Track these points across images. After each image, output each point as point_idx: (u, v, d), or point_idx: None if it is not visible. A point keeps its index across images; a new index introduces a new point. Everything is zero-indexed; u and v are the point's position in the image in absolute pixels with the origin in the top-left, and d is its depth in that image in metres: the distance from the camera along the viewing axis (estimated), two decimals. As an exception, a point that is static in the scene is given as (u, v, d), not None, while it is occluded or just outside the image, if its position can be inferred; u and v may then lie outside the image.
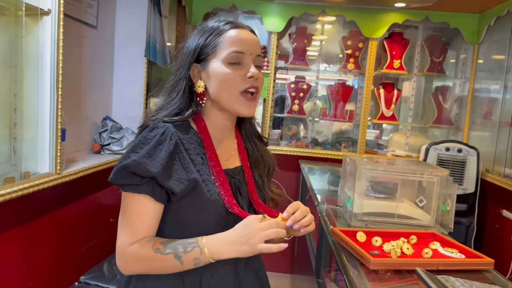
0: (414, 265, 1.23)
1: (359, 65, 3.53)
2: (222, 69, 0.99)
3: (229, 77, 0.98)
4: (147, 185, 0.93)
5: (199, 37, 1.02)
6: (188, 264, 0.93)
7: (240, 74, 0.99)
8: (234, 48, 0.99)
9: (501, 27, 3.10)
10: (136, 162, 0.91)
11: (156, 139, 0.95)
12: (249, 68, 1.00)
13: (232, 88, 0.99)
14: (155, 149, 0.94)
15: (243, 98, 1.00)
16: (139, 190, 0.93)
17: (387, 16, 3.38)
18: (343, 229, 1.49)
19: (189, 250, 0.92)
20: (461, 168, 3.08)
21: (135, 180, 0.93)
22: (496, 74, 3.20)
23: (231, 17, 3.75)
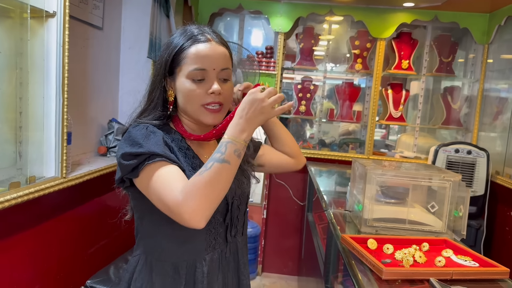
0: (427, 275, 1.20)
1: (367, 65, 3.49)
2: (186, 84, 1.04)
3: (192, 93, 1.04)
4: (154, 156, 0.97)
5: (169, 51, 1.07)
6: (233, 159, 0.93)
7: (202, 90, 1.04)
8: (196, 66, 1.03)
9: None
10: (136, 146, 0.98)
11: (143, 132, 1.01)
12: (211, 84, 1.05)
13: (194, 102, 1.05)
14: (148, 137, 1.00)
15: (205, 110, 1.06)
16: (152, 159, 0.96)
17: (396, 16, 3.33)
18: (354, 236, 1.45)
19: (223, 151, 0.93)
20: (471, 170, 3.04)
21: (142, 157, 0.97)
22: (506, 74, 3.15)
23: (238, 17, 3.73)
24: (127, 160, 0.98)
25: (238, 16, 3.73)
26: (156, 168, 0.96)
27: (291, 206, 3.62)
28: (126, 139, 1.01)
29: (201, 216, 0.89)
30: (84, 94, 2.36)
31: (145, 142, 0.99)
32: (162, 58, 1.08)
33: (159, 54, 1.11)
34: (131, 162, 0.97)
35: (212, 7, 3.50)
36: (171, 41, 1.08)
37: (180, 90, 1.05)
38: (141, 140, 0.99)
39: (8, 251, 1.66)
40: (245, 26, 3.77)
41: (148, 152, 0.97)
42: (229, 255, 1.16)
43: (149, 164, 0.96)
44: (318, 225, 2.76)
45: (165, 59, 1.06)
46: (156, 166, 0.96)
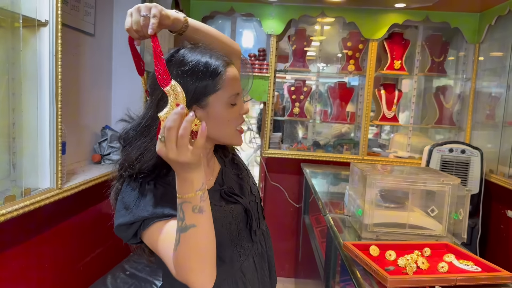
0: (432, 282, 1.20)
1: (359, 66, 3.49)
2: (223, 110, 0.99)
3: (230, 118, 1.01)
4: (147, 221, 0.93)
5: (194, 77, 0.95)
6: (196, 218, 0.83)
7: (236, 113, 1.03)
8: (235, 91, 1.00)
9: (503, 26, 3.07)
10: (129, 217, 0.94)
11: (135, 194, 0.96)
12: (242, 105, 1.04)
13: (230, 126, 1.02)
14: (140, 200, 0.95)
15: (239, 132, 1.05)
16: (147, 225, 0.93)
17: (387, 16, 3.34)
18: (356, 243, 1.45)
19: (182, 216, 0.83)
20: (465, 169, 3.06)
21: (136, 226, 0.94)
22: (498, 73, 3.17)
23: (229, 20, 3.71)
24: (123, 231, 0.96)
25: (230, 19, 3.71)
26: (152, 233, 0.93)
27: (286, 208, 3.62)
28: (120, 203, 0.97)
29: (202, 282, 0.85)
30: (77, 102, 2.32)
31: (135, 207, 0.94)
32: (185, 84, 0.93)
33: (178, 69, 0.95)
34: (127, 234, 0.95)
35: (204, 11, 3.48)
36: (198, 63, 0.96)
37: (215, 117, 0.98)
38: (132, 205, 0.95)
39: (2, 265, 1.63)
40: (237, 29, 3.76)
41: (139, 218, 0.93)
42: (261, 249, 1.17)
43: (145, 232, 0.93)
44: (315, 228, 2.75)
45: (195, 85, 0.95)
46: (151, 231, 0.93)
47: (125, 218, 0.94)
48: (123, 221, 0.94)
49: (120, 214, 0.95)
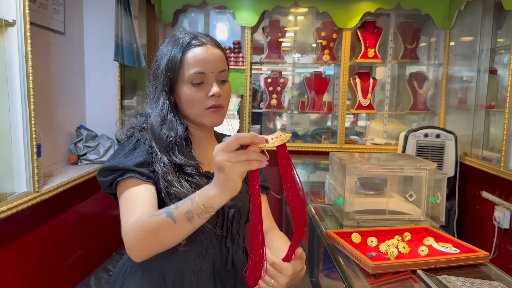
0: (412, 266, 1.23)
1: (334, 56, 3.52)
2: (185, 89, 1.06)
3: (192, 97, 1.06)
4: (129, 172, 0.99)
5: (165, 61, 1.07)
6: (181, 220, 0.83)
7: (203, 93, 1.06)
8: (195, 70, 1.04)
9: (471, 12, 3.14)
10: (114, 162, 1.01)
11: (132, 144, 1.05)
12: (211, 87, 1.06)
13: (196, 106, 1.06)
14: (132, 152, 1.03)
15: (208, 111, 1.07)
16: (123, 176, 0.99)
17: (359, 5, 3.37)
18: (338, 231, 1.47)
19: (180, 205, 0.84)
20: (440, 153, 3.13)
21: (118, 174, 1.00)
22: (468, 58, 3.25)
23: (202, 13, 3.67)
24: (105, 175, 1.03)
25: (202, 12, 3.68)
26: (126, 186, 0.99)
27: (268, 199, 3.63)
28: (116, 151, 1.07)
29: (136, 254, 0.91)
30: (50, 102, 2.27)
31: (125, 156, 1.03)
32: (159, 70, 1.08)
33: (154, 66, 1.10)
34: (107, 179, 1.02)
35: (176, 4, 3.43)
36: (165, 51, 1.07)
37: (181, 96, 1.07)
38: (122, 154, 1.03)
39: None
40: (210, 22, 3.73)
41: (123, 167, 1.00)
42: (229, 268, 1.11)
43: (120, 181, 1.00)
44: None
45: (163, 70, 1.06)
46: (126, 184, 1.00)
47: (112, 162, 1.01)
48: (108, 164, 1.01)
49: (110, 157, 1.05)
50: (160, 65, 1.07)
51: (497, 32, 2.97)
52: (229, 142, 0.77)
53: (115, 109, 2.70)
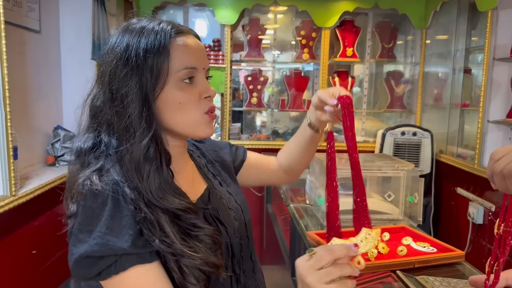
0: (392, 266, 1.27)
1: (313, 54, 3.54)
2: (175, 91, 0.77)
3: (186, 99, 0.78)
4: (125, 258, 0.68)
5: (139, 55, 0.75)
6: None
7: (195, 95, 0.80)
8: (187, 63, 0.78)
9: (447, 12, 3.20)
10: (99, 245, 0.67)
11: (109, 206, 0.70)
12: (203, 85, 0.81)
13: (191, 111, 0.79)
14: (114, 220, 0.69)
15: (206, 117, 0.81)
16: (121, 267, 0.68)
17: (338, 4, 3.40)
18: (319, 232, 1.50)
19: None
20: (417, 151, 3.20)
21: (109, 261, 0.68)
22: (444, 57, 3.32)
23: (181, 10, 3.64)
24: (87, 266, 0.68)
25: (181, 9, 3.65)
26: (127, 280, 0.69)
27: (249, 197, 3.64)
28: (85, 219, 0.70)
29: None
30: (25, 102, 2.22)
31: (108, 231, 0.68)
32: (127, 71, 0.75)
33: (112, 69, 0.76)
34: (92, 270, 0.68)
35: (154, 1, 3.39)
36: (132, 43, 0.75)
37: (167, 100, 0.77)
38: (100, 227, 0.68)
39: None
40: (189, 19, 3.70)
41: (115, 251, 0.68)
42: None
43: (117, 276, 0.68)
44: (278, 217, 2.81)
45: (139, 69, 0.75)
46: (126, 277, 0.68)
47: (92, 244, 0.67)
48: (90, 250, 0.67)
49: (84, 238, 0.68)
50: (128, 64, 0.74)
51: (472, 32, 3.04)
52: (321, 258, 0.64)
53: (93, 108, 2.66)
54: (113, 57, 0.76)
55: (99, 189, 0.70)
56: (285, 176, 1.13)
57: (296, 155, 1.09)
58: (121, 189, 0.71)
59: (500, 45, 2.57)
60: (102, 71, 0.79)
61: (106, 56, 0.79)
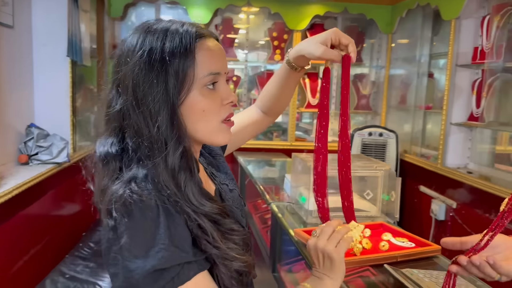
0: (378, 260, 1.35)
1: (285, 55, 3.62)
2: (198, 98, 0.76)
3: (209, 106, 0.77)
4: (187, 267, 0.69)
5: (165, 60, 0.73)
6: None
7: (217, 102, 0.78)
8: (211, 69, 0.76)
9: (412, 19, 3.37)
10: (165, 258, 0.67)
11: (163, 217, 0.69)
12: (225, 91, 0.80)
13: (212, 118, 0.78)
14: (170, 229, 0.69)
15: (223, 125, 0.80)
16: (186, 277, 0.69)
17: (309, 8, 3.49)
18: (305, 229, 1.56)
19: None
20: (383, 150, 3.35)
21: (173, 272, 0.68)
22: (408, 61, 3.49)
23: (153, 7, 3.61)
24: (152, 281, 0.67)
25: (153, 6, 3.62)
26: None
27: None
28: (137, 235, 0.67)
29: None
30: (-3, 99, 2.15)
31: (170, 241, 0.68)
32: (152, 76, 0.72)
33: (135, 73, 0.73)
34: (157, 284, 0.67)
35: (126, -2, 3.35)
36: (155, 46, 0.73)
37: (192, 106, 0.75)
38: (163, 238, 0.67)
39: None
40: (161, 17, 3.67)
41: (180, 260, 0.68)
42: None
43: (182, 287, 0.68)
44: (254, 215, 2.86)
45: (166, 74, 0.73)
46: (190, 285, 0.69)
47: (159, 258, 0.66)
48: (157, 263, 0.66)
49: (143, 252, 0.66)
50: (153, 68, 0.72)
51: (434, 39, 3.23)
52: (326, 232, 0.89)
53: (66, 106, 2.61)
54: (136, 60, 0.73)
55: (144, 200, 0.68)
56: (267, 119, 1.18)
57: (279, 98, 1.12)
58: (165, 198, 0.70)
59: (462, 52, 2.75)
60: (124, 75, 0.74)
61: (125, 58, 0.75)
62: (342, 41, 0.94)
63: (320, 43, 0.94)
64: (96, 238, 2.79)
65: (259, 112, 1.18)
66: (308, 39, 0.98)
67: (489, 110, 2.60)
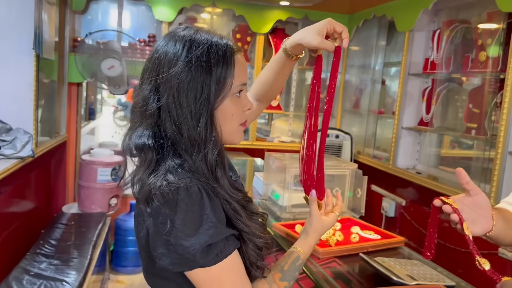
0: (352, 250, 1.49)
1: (248, 58, 3.72)
2: (230, 103, 0.88)
3: (236, 111, 0.89)
4: (227, 241, 0.82)
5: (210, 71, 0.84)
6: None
7: (241, 107, 0.91)
8: (242, 80, 0.89)
9: (368, 28, 3.60)
10: (215, 233, 0.80)
11: (207, 200, 0.81)
12: (246, 99, 0.92)
13: (235, 122, 0.90)
14: (214, 210, 0.81)
15: (241, 127, 0.93)
16: (228, 251, 0.82)
17: (272, 12, 3.62)
18: (284, 224, 1.67)
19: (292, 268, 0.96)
20: (339, 151, 3.55)
21: (218, 247, 0.81)
22: (362, 69, 3.72)
23: (116, 3, 3.57)
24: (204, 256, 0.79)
25: (116, 1, 3.58)
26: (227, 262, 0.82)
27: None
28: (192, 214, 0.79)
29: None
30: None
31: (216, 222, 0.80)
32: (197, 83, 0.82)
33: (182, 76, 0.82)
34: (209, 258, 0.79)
35: (89, -8, 3.30)
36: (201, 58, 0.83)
37: (225, 111, 0.87)
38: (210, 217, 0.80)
39: None
40: (123, 13, 3.64)
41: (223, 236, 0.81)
42: None
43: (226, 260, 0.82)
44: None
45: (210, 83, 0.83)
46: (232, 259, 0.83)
47: (210, 235, 0.79)
48: (209, 239, 0.78)
49: (193, 231, 0.78)
50: (198, 73, 0.82)
51: (387, 48, 3.46)
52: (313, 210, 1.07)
53: (30, 100, 2.53)
54: (182, 65, 0.82)
55: (188, 186, 0.79)
56: (260, 106, 1.27)
57: (274, 84, 1.20)
58: (205, 184, 0.82)
59: (414, 62, 2.99)
60: (168, 76, 0.83)
61: (168, 63, 0.84)
62: (337, 29, 1.02)
63: (316, 34, 1.01)
64: (56, 235, 2.74)
65: (253, 101, 1.25)
66: (305, 28, 1.05)
67: (437, 116, 2.86)
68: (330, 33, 1.03)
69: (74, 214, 3.16)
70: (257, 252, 0.89)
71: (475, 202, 0.93)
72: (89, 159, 3.23)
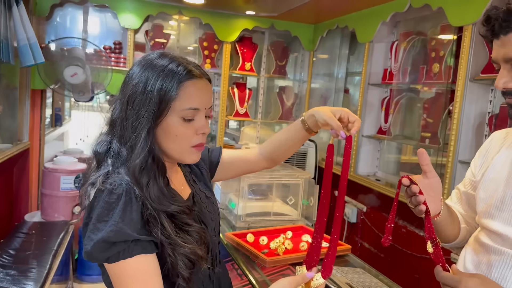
0: (298, 259, 1.53)
1: (215, 65, 3.76)
2: (175, 124, 0.95)
3: (182, 133, 0.96)
4: (134, 245, 0.87)
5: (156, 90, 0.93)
6: None
7: (192, 130, 0.97)
8: (191, 105, 0.95)
9: (332, 38, 3.68)
10: (113, 232, 0.85)
11: (122, 201, 0.88)
12: (201, 123, 0.98)
13: (183, 143, 0.98)
14: (125, 212, 0.88)
15: (192, 149, 1.00)
16: (129, 254, 0.87)
17: (239, 21, 3.66)
18: (235, 233, 1.71)
19: None
20: (304, 158, 3.61)
21: (119, 247, 0.86)
22: (328, 77, 3.80)
23: (81, 9, 3.55)
24: (102, 250, 0.86)
25: (81, 8, 3.56)
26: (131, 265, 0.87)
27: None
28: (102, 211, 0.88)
29: None
30: None
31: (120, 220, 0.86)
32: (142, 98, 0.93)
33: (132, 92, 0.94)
34: (105, 254, 0.86)
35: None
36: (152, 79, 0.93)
37: (168, 129, 0.95)
38: (117, 217, 0.86)
39: None
40: (89, 19, 3.63)
41: (128, 237, 0.86)
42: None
43: (124, 262, 0.86)
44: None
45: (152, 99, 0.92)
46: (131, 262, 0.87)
47: (108, 232, 0.85)
48: (106, 236, 0.85)
49: (101, 226, 0.86)
50: (144, 94, 0.93)
51: (350, 58, 3.56)
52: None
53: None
54: (134, 84, 0.95)
55: (115, 187, 0.89)
56: (265, 164, 1.31)
57: (284, 149, 1.27)
58: (132, 188, 0.90)
59: (374, 72, 3.08)
60: (124, 92, 0.97)
61: (129, 81, 0.97)
62: (350, 119, 1.10)
63: (330, 111, 1.10)
64: (16, 245, 2.71)
65: (257, 155, 1.30)
66: (323, 107, 1.14)
67: (395, 124, 2.95)
68: (343, 120, 1.10)
69: (36, 222, 3.12)
70: (187, 263, 0.92)
71: (430, 185, 1.02)
72: (51, 166, 3.19)
